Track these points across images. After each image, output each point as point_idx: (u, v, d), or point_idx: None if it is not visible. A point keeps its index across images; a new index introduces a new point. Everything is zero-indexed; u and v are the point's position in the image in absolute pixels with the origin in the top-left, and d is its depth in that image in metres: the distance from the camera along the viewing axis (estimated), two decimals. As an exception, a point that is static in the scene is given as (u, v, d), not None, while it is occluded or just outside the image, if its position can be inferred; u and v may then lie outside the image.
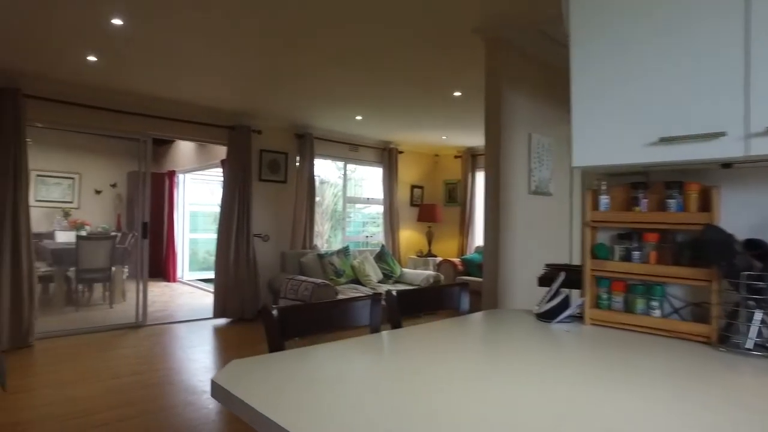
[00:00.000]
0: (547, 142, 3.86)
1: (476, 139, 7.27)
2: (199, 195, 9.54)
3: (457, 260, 7.16)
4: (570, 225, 4.10)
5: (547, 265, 2.26)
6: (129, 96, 5.06)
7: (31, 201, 9.02)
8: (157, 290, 7.84)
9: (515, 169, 3.58)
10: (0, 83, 4.39)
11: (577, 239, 4.16)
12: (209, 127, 5.69)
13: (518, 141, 3.61)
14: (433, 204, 7.86)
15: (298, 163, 6.45)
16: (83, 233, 7.38)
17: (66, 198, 9.15)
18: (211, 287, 8.43)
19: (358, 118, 5.95)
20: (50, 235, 8.18)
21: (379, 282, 6.46)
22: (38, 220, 8.77)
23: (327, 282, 5.40)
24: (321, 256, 6.11)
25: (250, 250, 5.84)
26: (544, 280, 2.14)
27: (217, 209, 10.03)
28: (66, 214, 8.77)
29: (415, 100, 5.11)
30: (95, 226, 8.91)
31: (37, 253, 6.90)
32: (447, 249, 8.06)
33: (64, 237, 7.76)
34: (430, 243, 7.84)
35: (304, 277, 5.58)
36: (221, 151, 7.17)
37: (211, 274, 9.67)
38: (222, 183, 6.48)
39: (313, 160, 6.46)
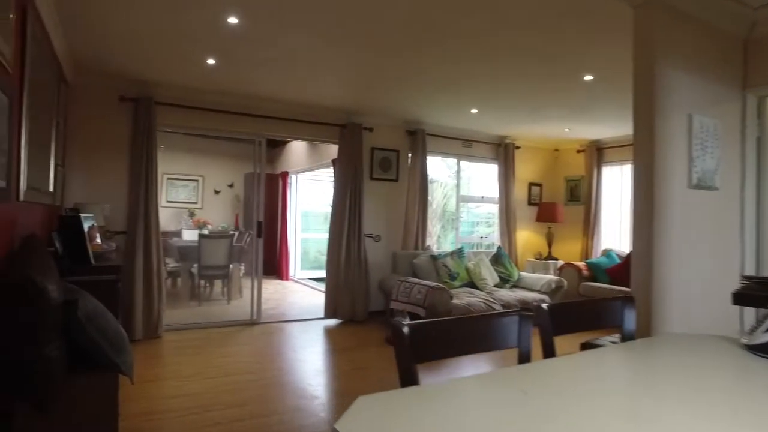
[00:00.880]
0: (712, 125, 3.18)
1: (603, 131, 6.51)
2: (310, 195, 9.71)
3: (581, 264, 6.46)
4: (741, 225, 3.36)
5: (746, 278, 1.72)
6: (245, 98, 5.14)
7: (163, 202, 9.89)
8: (271, 288, 8.05)
9: (672, 159, 2.96)
10: (136, 93, 4.65)
11: (751, 243, 3.40)
12: (321, 126, 5.64)
13: (676, 125, 2.99)
14: (554, 203, 7.19)
15: (410, 161, 6.20)
16: (205, 232, 7.79)
17: (191, 199, 9.81)
18: (321, 286, 8.51)
19: (474, 111, 5.55)
20: (178, 234, 8.79)
21: (496, 286, 6.00)
22: (168, 219, 9.50)
23: (441, 285, 5.07)
24: (434, 258, 5.79)
25: (362, 251, 5.70)
26: (743, 298, 1.63)
27: (328, 209, 10.28)
28: (191, 214, 9.39)
29: (537, 88, 4.61)
30: (216, 225, 9.44)
31: (166, 250, 7.44)
32: (568, 252, 7.34)
33: (189, 235, 8.27)
34: (550, 245, 7.19)
35: (417, 280, 5.30)
36: (332, 151, 7.16)
37: (321, 273, 9.82)
38: (333, 182, 6.43)
39: (425, 158, 6.17)
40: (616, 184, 7.03)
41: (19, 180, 2.51)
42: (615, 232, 7.06)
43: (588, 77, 4.15)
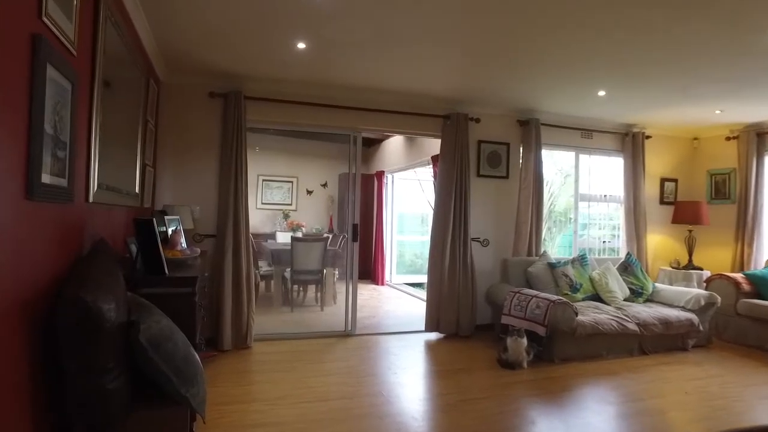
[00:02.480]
0: None
1: (768, 111, 5.27)
2: (406, 195, 9.20)
3: (738, 276, 5.27)
4: None
5: None
6: (338, 89, 4.70)
7: (258, 204, 9.94)
8: (366, 293, 7.63)
9: None
10: (226, 88, 4.38)
11: None
12: (421, 118, 5.05)
13: None
14: (697, 201, 6.00)
15: (521, 155, 5.43)
16: (299, 234, 7.54)
17: (285, 200, 9.73)
18: (418, 293, 7.97)
19: (601, 93, 4.66)
20: (273, 236, 8.69)
21: (626, 300, 5.04)
22: (263, 221, 9.49)
23: (563, 299, 4.27)
24: (552, 266, 4.98)
25: (468, 257, 5.04)
26: None
27: (425, 210, 9.80)
28: (286, 216, 9.27)
29: (694, 58, 3.66)
30: (309, 228, 9.24)
31: (260, 253, 7.31)
32: (714, 260, 6.11)
33: (283, 238, 8.10)
34: (690, 252, 6.02)
35: (534, 291, 4.53)
36: (431, 147, 6.59)
37: (418, 278, 9.33)
38: (434, 181, 5.85)
39: (539, 151, 5.36)
40: (782, 178, 5.69)
41: (89, 179, 2.19)
42: (780, 237, 5.72)
43: (774, 34, 3.16)
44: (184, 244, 3.37)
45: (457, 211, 5.01)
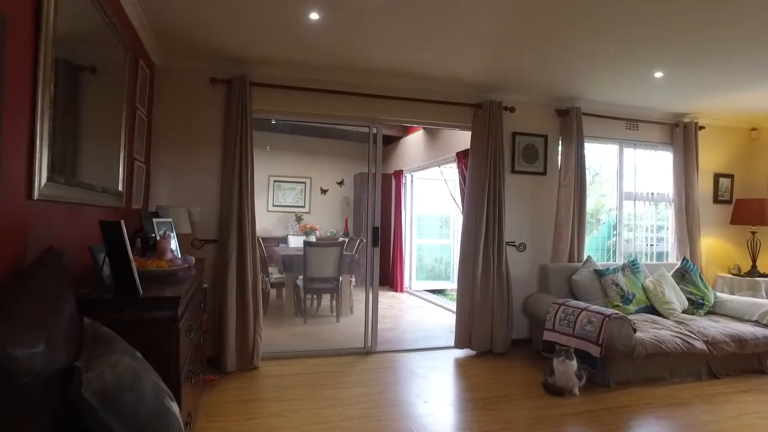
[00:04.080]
0: None
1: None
2: (427, 196, 8.62)
3: (813, 285, 4.61)
4: None
5: None
6: (356, 73, 4.15)
7: (269, 206, 9.45)
8: (385, 301, 7.07)
9: None
10: (229, 73, 3.86)
11: None
12: (450, 107, 4.47)
13: None
14: (761, 199, 5.32)
15: (560, 148, 4.83)
16: (312, 238, 7.03)
17: (298, 202, 9.24)
18: (441, 300, 7.40)
19: (658, 74, 4.03)
20: (285, 240, 8.19)
21: (684, 312, 4.41)
22: (275, 224, 9.01)
23: (619, 313, 3.66)
24: (600, 273, 4.37)
25: (503, 264, 4.44)
26: None
27: (445, 212, 9.22)
28: (298, 219, 8.77)
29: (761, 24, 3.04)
30: (324, 231, 8.72)
31: (270, 258, 6.80)
32: (778, 266, 5.43)
33: (296, 242, 7.58)
34: (755, 256, 5.34)
35: (582, 304, 3.93)
36: (456, 143, 6.02)
37: (439, 285, 8.75)
38: (462, 178, 5.27)
39: (581, 143, 4.75)
40: None
41: (33, 167, 1.67)
42: None
43: None
44: (176, 252, 2.84)
45: (491, 211, 4.43)
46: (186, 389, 1.84)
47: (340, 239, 6.82)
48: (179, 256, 2.80)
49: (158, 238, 2.62)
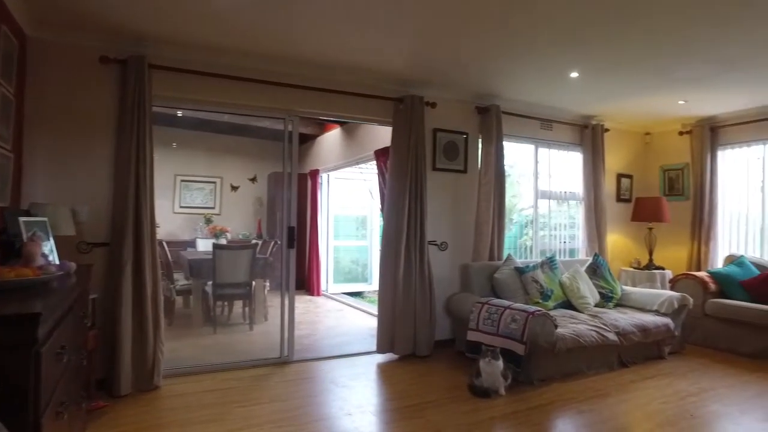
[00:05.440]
0: None
1: (726, 103, 5.02)
2: (342, 196, 8.39)
3: (704, 275, 4.98)
4: None
5: None
6: (271, 60, 3.83)
7: (176, 207, 8.73)
8: (301, 306, 6.75)
9: None
10: (124, 52, 3.38)
11: None
12: (370, 100, 4.29)
13: None
14: (657, 197, 5.70)
15: (480, 146, 4.82)
16: (223, 241, 6.54)
17: (208, 203, 8.63)
18: (359, 303, 7.20)
19: (573, 74, 4.13)
20: (193, 244, 7.59)
21: (597, 306, 4.57)
22: (182, 227, 8.35)
23: (542, 310, 3.67)
24: (521, 271, 4.40)
25: (425, 264, 4.32)
26: None
27: (362, 212, 9.03)
28: (208, 221, 8.18)
29: (691, 28, 3.18)
30: (235, 233, 8.20)
31: (177, 264, 6.22)
32: (671, 259, 5.85)
33: (205, 245, 7.03)
34: (651, 251, 5.71)
35: (506, 302, 3.90)
36: (374, 142, 5.86)
37: (357, 287, 8.55)
38: (381, 177, 5.11)
39: (501, 142, 4.78)
40: (741, 172, 5.51)
41: None
42: (739, 235, 5.54)
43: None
44: (51, 258, 2.38)
45: (412, 210, 4.29)
46: (53, 428, 1.46)
47: (253, 241, 6.41)
48: (56, 262, 2.35)
49: (25, 240, 2.16)
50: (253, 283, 5.42)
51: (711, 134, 5.59)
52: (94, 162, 3.38)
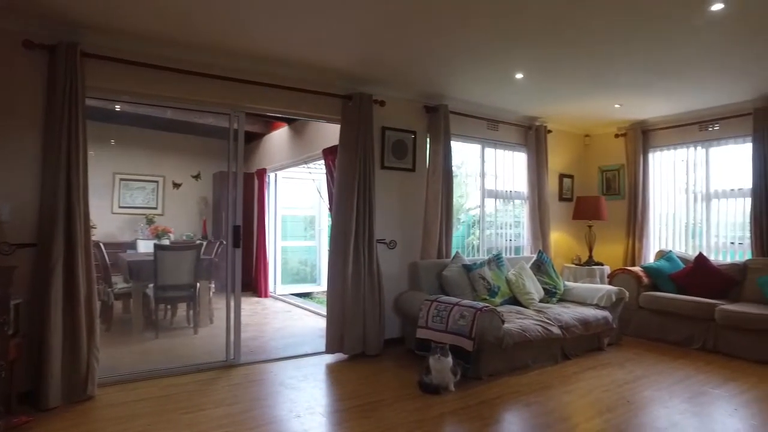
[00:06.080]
0: None
1: (657, 108, 5.32)
2: (290, 196, 8.26)
3: (638, 270, 5.25)
4: None
5: None
6: (216, 53, 3.70)
7: (115, 207, 8.30)
8: (248, 308, 6.58)
9: None
10: (52, 37, 3.16)
11: None
12: (319, 97, 4.23)
13: None
14: (596, 196, 5.97)
15: (428, 145, 4.86)
16: (165, 242, 6.28)
17: (150, 203, 8.26)
18: (308, 304, 7.09)
19: (519, 76, 4.24)
20: (133, 245, 7.24)
21: (541, 301, 4.71)
22: (122, 228, 7.96)
23: (489, 306, 3.74)
24: (468, 268, 4.47)
25: (374, 262, 4.31)
26: None
27: (311, 212, 8.91)
28: (149, 221, 7.82)
29: (625, 35, 3.33)
30: (179, 234, 7.90)
31: (116, 266, 5.90)
32: (609, 255, 6.14)
33: (146, 247, 6.72)
34: (591, 248, 5.96)
35: (454, 299, 3.95)
36: (322, 140, 5.79)
37: (306, 288, 8.42)
38: (330, 176, 5.06)
39: (448, 142, 4.84)
40: (668, 173, 5.85)
41: None
42: (668, 231, 5.88)
43: (717, 6, 2.89)
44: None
45: (361, 209, 4.27)
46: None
47: (198, 242, 6.19)
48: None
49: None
50: (198, 284, 5.23)
51: (643, 137, 5.90)
52: (17, 157, 3.13)
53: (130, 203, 8.16)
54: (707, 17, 3.02)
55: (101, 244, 5.38)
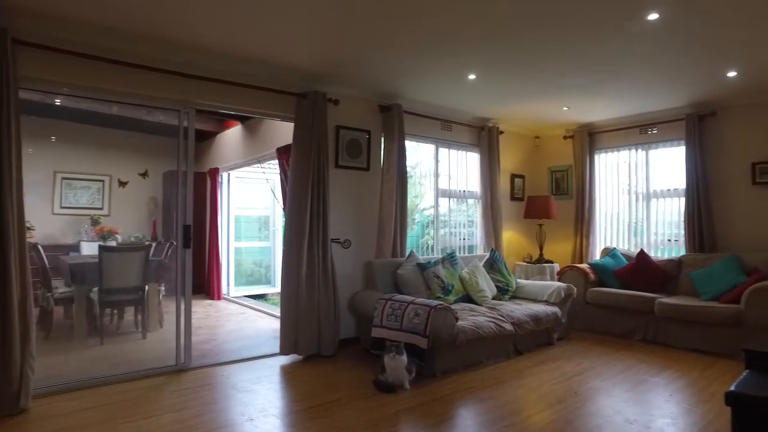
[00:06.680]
0: None
1: (602, 112, 5.56)
2: (244, 196, 8.10)
3: (585, 266, 5.46)
4: None
5: None
6: (166, 46, 3.58)
7: (56, 208, 7.87)
8: (201, 310, 6.41)
9: None
10: (-22, 25, 2.97)
11: None
12: (273, 95, 4.17)
13: None
14: (546, 196, 6.16)
15: (383, 144, 4.88)
16: (112, 243, 6.03)
17: (95, 203, 7.89)
18: (263, 306, 6.98)
19: (471, 77, 4.32)
20: (77, 248, 6.89)
21: (494, 299, 4.82)
22: (64, 230, 7.56)
23: (443, 304, 3.79)
24: (422, 267, 4.51)
25: (328, 262, 4.28)
26: None
27: (265, 212, 8.76)
28: (95, 222, 7.47)
29: (573, 41, 3.47)
30: (127, 235, 7.58)
31: (56, 270, 5.60)
32: (559, 253, 6.36)
33: (91, 249, 6.41)
34: (541, 246, 6.15)
35: (409, 297, 3.99)
36: (276, 139, 5.71)
37: (260, 290, 8.28)
38: (284, 175, 4.99)
39: (403, 141, 4.88)
40: (613, 174, 6.13)
41: None
42: (612, 229, 6.15)
43: (653, 16, 3.05)
44: None
45: (315, 208, 4.24)
46: None
47: (147, 243, 5.97)
48: None
49: None
50: (147, 287, 5.04)
51: (589, 139, 6.15)
52: (-53, 154, 2.93)
53: (74, 203, 7.77)
54: (644, 26, 3.18)
55: (39, 247, 5.10)
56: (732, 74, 4.19)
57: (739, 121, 4.98)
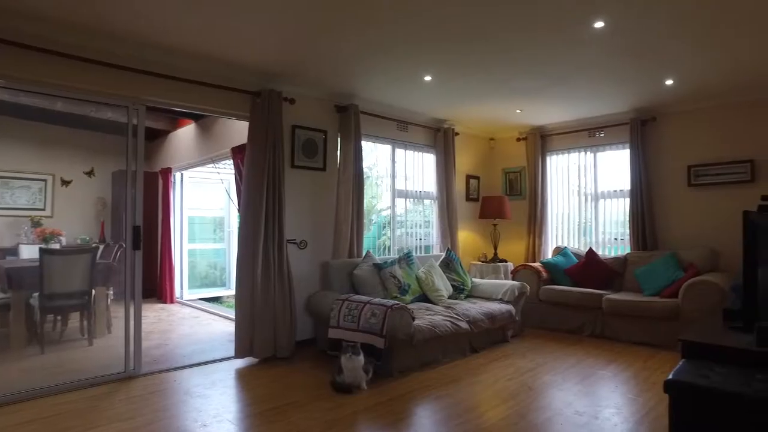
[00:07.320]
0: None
1: (553, 115, 5.76)
2: (198, 196, 7.89)
3: (538, 265, 5.63)
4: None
5: None
6: (114, 40, 3.45)
7: (-10, 208, 7.43)
8: (152, 315, 6.21)
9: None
10: None
11: None
12: (226, 92, 4.08)
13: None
14: (500, 196, 6.31)
15: (339, 144, 4.87)
16: (55, 246, 5.75)
17: (36, 204, 7.49)
18: (217, 308, 6.82)
19: (427, 78, 4.38)
20: (15, 251, 6.53)
21: (450, 298, 4.90)
22: (1, 232, 7.15)
23: (400, 303, 3.82)
24: (379, 267, 4.53)
25: (284, 263, 4.24)
26: None
27: (220, 213, 8.57)
28: (35, 224, 7.09)
29: (528, 46, 3.57)
30: (73, 237, 7.25)
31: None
32: (512, 252, 6.53)
33: (31, 252, 6.09)
34: (495, 245, 6.29)
35: (365, 297, 4.00)
36: (231, 138, 5.61)
37: (215, 292, 8.09)
38: (239, 175, 4.91)
39: (359, 141, 4.88)
40: (563, 176, 6.35)
41: None
42: (563, 229, 6.37)
43: (598, 24, 3.18)
44: None
45: (270, 208, 4.18)
46: None
47: (93, 245, 5.73)
48: None
49: None
50: (93, 291, 4.83)
51: (541, 141, 6.35)
52: None
53: (11, 204, 7.35)
54: (590, 33, 3.32)
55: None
56: (669, 82, 4.43)
57: (676, 126, 5.28)
